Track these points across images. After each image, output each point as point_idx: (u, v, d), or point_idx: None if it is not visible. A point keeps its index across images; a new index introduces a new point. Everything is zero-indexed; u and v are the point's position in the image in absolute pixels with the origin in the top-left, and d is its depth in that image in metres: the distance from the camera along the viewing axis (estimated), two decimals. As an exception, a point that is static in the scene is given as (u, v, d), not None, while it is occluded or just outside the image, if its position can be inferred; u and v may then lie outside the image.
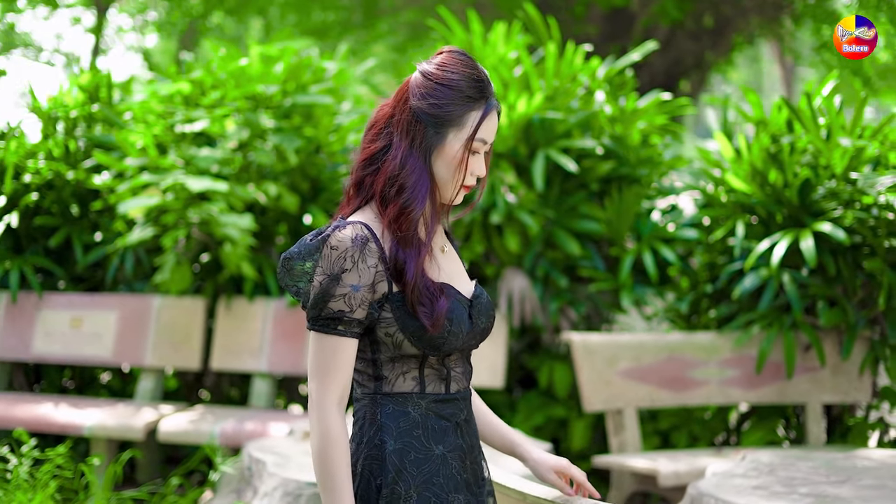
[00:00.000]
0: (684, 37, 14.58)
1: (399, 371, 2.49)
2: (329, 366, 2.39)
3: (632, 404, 5.78)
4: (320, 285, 2.40)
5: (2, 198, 6.83)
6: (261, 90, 6.47)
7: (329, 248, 2.40)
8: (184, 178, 5.87)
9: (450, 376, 2.55)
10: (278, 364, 6.44)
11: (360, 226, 2.43)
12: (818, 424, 5.89)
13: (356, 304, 2.40)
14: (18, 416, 6.14)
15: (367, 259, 2.41)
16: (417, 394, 2.50)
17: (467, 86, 2.50)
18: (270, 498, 4.27)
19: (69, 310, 6.81)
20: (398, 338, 2.45)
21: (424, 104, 2.48)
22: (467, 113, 2.50)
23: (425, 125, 2.48)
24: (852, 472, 4.48)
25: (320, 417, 2.39)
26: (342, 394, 2.41)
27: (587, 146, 6.14)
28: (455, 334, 2.49)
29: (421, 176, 2.48)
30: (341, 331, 2.40)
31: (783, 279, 5.74)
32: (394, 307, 2.44)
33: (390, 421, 2.48)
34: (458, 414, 2.57)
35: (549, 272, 6.19)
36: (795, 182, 5.77)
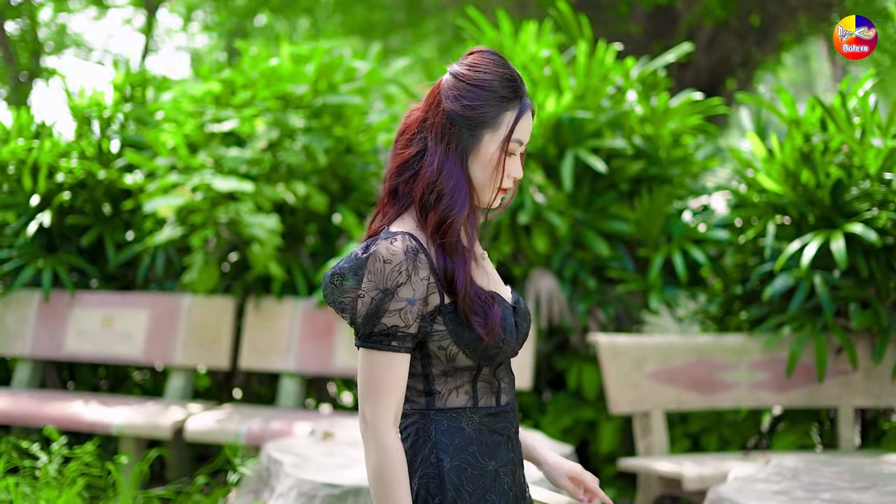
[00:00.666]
0: (729, 35, 14.43)
1: (452, 385, 2.42)
2: (383, 383, 2.32)
3: (659, 407, 5.71)
4: (372, 301, 2.31)
5: (35, 197, 6.89)
6: (291, 90, 6.47)
7: (381, 261, 2.30)
8: (210, 177, 5.89)
9: (500, 388, 2.49)
10: (306, 364, 6.45)
11: (408, 237, 2.35)
12: (850, 429, 5.79)
13: (412, 319, 2.32)
14: (48, 413, 6.18)
15: (420, 271, 2.33)
16: (471, 408, 2.44)
17: (500, 86, 2.43)
18: (286, 498, 4.26)
19: (101, 308, 6.85)
20: (452, 351, 2.38)
21: (458, 106, 2.41)
22: (502, 113, 2.43)
23: (460, 128, 2.41)
24: (878, 478, 4.39)
25: (377, 438, 2.30)
26: (397, 412, 2.33)
27: (617, 146, 6.08)
28: (508, 342, 2.43)
29: (459, 180, 2.40)
30: (395, 346, 2.32)
31: (815, 281, 5.65)
32: (446, 319, 2.36)
33: (445, 438, 2.40)
34: (508, 427, 2.51)
35: (578, 273, 6.14)
36: (828, 182, 5.68)
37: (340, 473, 4.30)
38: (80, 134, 7.20)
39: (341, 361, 6.40)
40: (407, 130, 2.47)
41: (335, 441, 4.90)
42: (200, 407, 6.36)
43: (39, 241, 7.01)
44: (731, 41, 14.50)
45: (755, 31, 14.60)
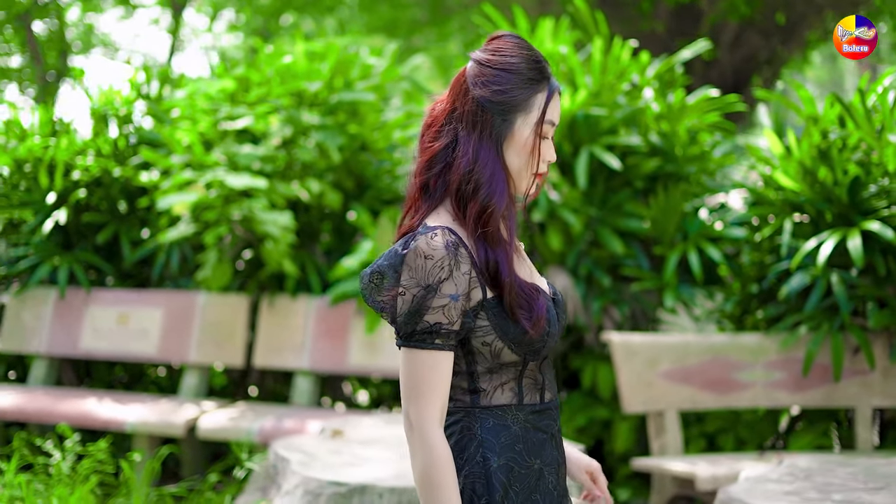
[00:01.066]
0: (754, 33, 14.32)
1: (497, 382, 2.36)
2: (427, 383, 2.25)
3: (673, 406, 5.66)
4: (414, 298, 2.25)
5: (52, 194, 6.91)
6: (304, 87, 6.46)
7: (422, 257, 2.25)
8: (223, 174, 5.88)
9: (544, 384, 2.43)
10: (320, 361, 6.43)
11: (447, 231, 2.29)
12: (868, 429, 5.72)
13: (455, 315, 2.25)
14: (63, 411, 6.19)
15: (462, 265, 2.26)
16: (516, 405, 2.37)
17: (528, 68, 2.37)
18: (291, 496, 4.23)
19: (116, 306, 6.87)
20: (497, 346, 2.31)
21: (487, 92, 2.35)
22: (532, 96, 2.37)
23: (491, 114, 2.35)
24: (892, 478, 4.33)
25: (423, 439, 2.23)
26: (442, 411, 2.26)
27: (632, 143, 6.03)
28: (552, 335, 2.36)
29: (495, 168, 2.34)
30: (439, 344, 2.25)
31: (832, 279, 5.59)
32: (489, 314, 2.30)
33: (491, 436, 2.34)
34: (552, 425, 2.45)
35: (593, 271, 6.09)
36: (845, 180, 5.61)
37: (347, 472, 4.28)
38: (97, 132, 7.21)
39: (355, 360, 6.38)
40: (434, 123, 2.42)
41: (344, 439, 4.88)
42: (214, 405, 6.36)
43: (56, 239, 7.03)
44: (756, 39, 14.39)
45: (781, 29, 14.48)
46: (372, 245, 6.17)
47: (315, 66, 6.72)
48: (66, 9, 23.89)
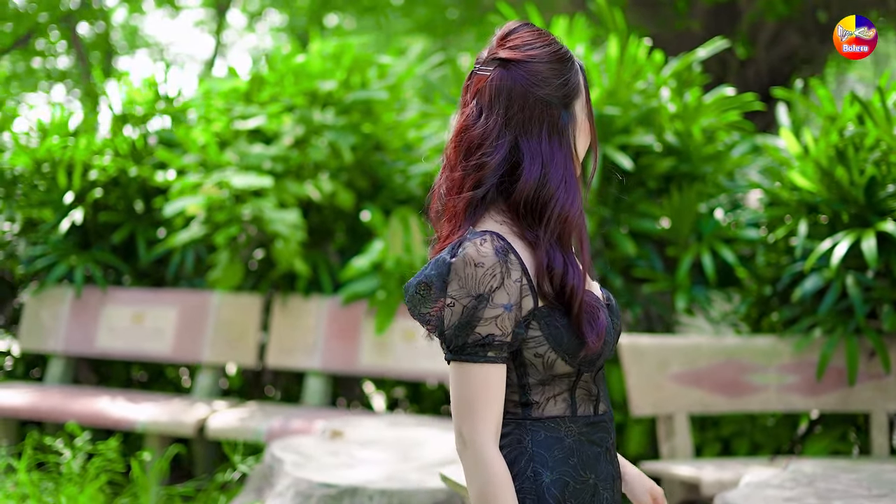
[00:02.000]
0: (793, 32, 14.15)
1: (550, 394, 2.26)
2: (481, 398, 2.15)
3: (683, 409, 5.58)
4: (465, 309, 2.14)
5: (70, 194, 6.95)
6: (317, 87, 6.44)
7: (472, 265, 2.14)
8: (229, 174, 5.88)
9: (599, 395, 2.33)
10: (332, 362, 6.42)
11: (496, 236, 2.18)
12: (884, 434, 5.60)
13: (509, 326, 2.15)
14: (75, 410, 6.22)
15: (512, 273, 2.16)
16: (569, 417, 2.27)
17: (563, 50, 2.31)
18: (283, 497, 4.22)
19: (131, 305, 6.89)
20: (550, 357, 2.21)
21: (551, 88, 2.26)
22: (578, 76, 2.32)
23: (558, 109, 2.26)
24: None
25: (479, 458, 2.13)
26: (497, 427, 2.17)
27: (645, 143, 5.95)
28: (609, 345, 2.29)
29: (566, 165, 2.25)
30: (492, 357, 2.15)
31: (847, 281, 5.48)
32: (541, 324, 2.20)
33: (543, 450, 2.24)
34: (606, 438, 2.35)
35: (605, 272, 6.03)
36: (861, 180, 5.51)
37: (340, 473, 4.25)
38: (115, 131, 7.24)
39: (366, 360, 6.35)
40: (482, 142, 2.25)
41: (343, 440, 4.85)
42: (226, 405, 6.36)
43: (74, 238, 7.07)
44: (795, 38, 14.21)
45: (820, 28, 14.30)
46: (383, 245, 6.14)
47: (329, 65, 6.71)
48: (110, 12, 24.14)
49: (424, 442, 4.82)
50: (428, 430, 5.10)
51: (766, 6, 13.22)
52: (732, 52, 13.59)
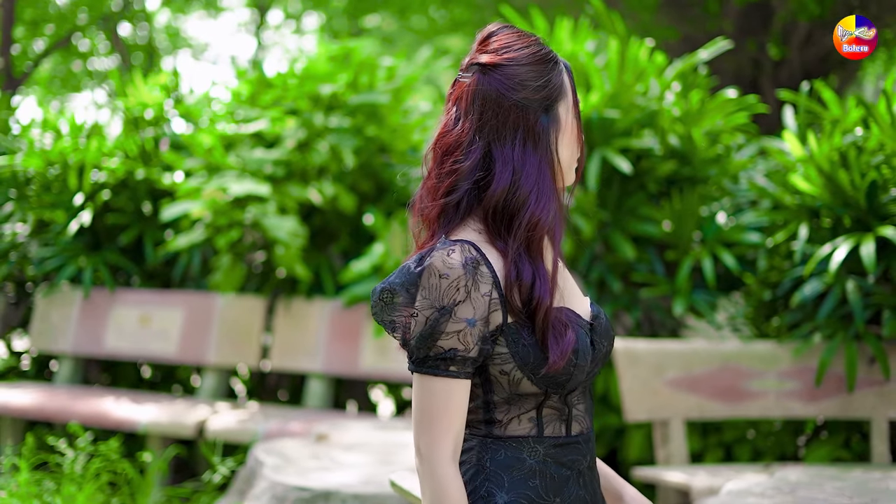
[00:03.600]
0: (827, 32, 14.00)
1: (514, 413, 2.18)
2: (441, 413, 2.08)
3: (679, 415, 5.53)
4: (427, 321, 2.07)
5: (80, 196, 7.01)
6: (317, 90, 6.47)
7: (436, 275, 2.08)
8: (227, 180, 5.91)
9: (571, 415, 2.22)
10: (333, 364, 6.44)
11: (468, 246, 2.11)
12: (884, 441, 5.51)
13: (471, 341, 2.08)
14: (79, 410, 6.28)
15: (481, 286, 2.08)
16: (534, 437, 2.18)
17: (545, 52, 2.22)
18: (259, 501, 4.24)
19: (139, 307, 6.95)
20: (515, 376, 2.13)
21: (527, 92, 2.18)
22: (562, 79, 2.23)
23: (536, 113, 2.18)
24: (880, 493, 4.18)
25: (432, 474, 2.07)
26: (456, 444, 2.10)
27: (645, 146, 5.91)
28: (581, 367, 2.17)
29: (541, 170, 2.17)
30: (454, 372, 2.08)
31: (847, 287, 5.41)
32: (509, 341, 2.12)
33: (501, 470, 2.15)
34: (580, 460, 2.23)
35: (604, 276, 5.99)
36: (863, 184, 5.44)
37: (317, 476, 4.27)
38: (126, 134, 7.30)
39: (367, 363, 6.37)
40: (456, 147, 2.20)
41: (329, 443, 4.86)
42: (228, 406, 6.39)
43: (84, 240, 7.13)
44: (829, 39, 14.06)
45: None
46: (383, 248, 6.14)
47: (334, 68, 6.73)
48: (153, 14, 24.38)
49: (409, 446, 4.82)
50: (415, 433, 5.09)
51: (797, 6, 13.09)
52: (766, 53, 13.45)
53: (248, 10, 26.82)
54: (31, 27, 20.80)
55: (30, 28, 20.83)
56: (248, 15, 27.79)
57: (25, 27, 20.69)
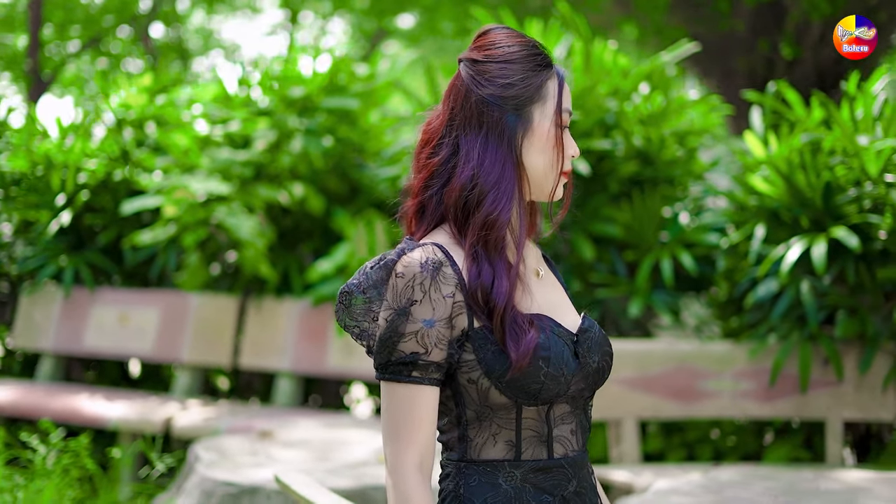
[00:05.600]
0: (841, 32, 13.88)
1: (488, 432, 2.07)
2: (405, 421, 1.99)
3: (632, 414, 5.55)
4: (387, 323, 2.00)
5: (61, 196, 7.13)
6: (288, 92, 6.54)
7: (394, 275, 2.02)
8: (188, 179, 6.00)
9: (551, 436, 2.09)
10: (301, 363, 6.51)
11: (432, 247, 2.04)
12: (838, 442, 5.51)
13: (431, 343, 1.99)
14: (52, 407, 6.39)
15: (442, 287, 2.01)
16: (510, 461, 2.06)
17: (531, 54, 2.14)
18: (189, 495, 4.32)
19: (117, 305, 7.06)
20: (483, 384, 2.03)
21: (494, 88, 2.10)
22: (544, 83, 2.13)
23: (502, 111, 2.10)
24: (807, 494, 4.19)
25: (396, 486, 1.98)
26: (423, 454, 2.00)
27: (603, 147, 5.93)
28: (554, 377, 2.04)
29: (504, 169, 2.09)
30: (417, 377, 1.99)
31: (801, 288, 5.41)
32: (476, 346, 2.02)
33: (475, 496, 2.04)
34: (563, 485, 2.10)
35: (565, 277, 6.02)
36: (819, 183, 5.44)
37: (247, 472, 4.33)
38: (109, 135, 7.41)
39: (334, 362, 6.44)
40: (432, 137, 2.17)
41: (271, 441, 4.93)
42: (199, 403, 6.48)
43: (66, 239, 7.24)
44: (842, 38, 13.94)
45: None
46: (348, 248, 6.21)
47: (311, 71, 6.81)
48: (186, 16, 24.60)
49: (350, 443, 4.88)
50: (361, 432, 5.16)
51: (809, 6, 13.01)
52: (779, 53, 13.39)
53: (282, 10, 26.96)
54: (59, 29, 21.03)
55: (58, 30, 21.05)
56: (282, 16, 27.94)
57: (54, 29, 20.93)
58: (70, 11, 20.81)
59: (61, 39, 21.47)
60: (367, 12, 20.76)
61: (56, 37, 21.17)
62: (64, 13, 20.85)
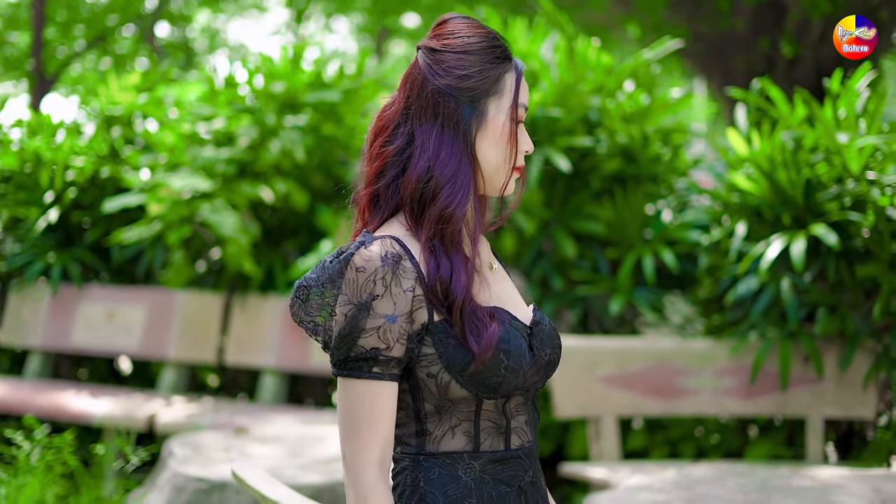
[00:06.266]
0: (840, 30, 13.83)
1: (447, 424, 2.06)
2: (365, 418, 1.97)
3: (611, 412, 5.55)
4: (346, 318, 1.97)
5: (50, 193, 7.14)
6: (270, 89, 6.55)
7: (354, 270, 1.98)
8: (167, 176, 6.01)
9: (510, 428, 2.10)
10: (286, 360, 6.51)
11: (390, 240, 2.01)
12: (818, 440, 5.49)
13: (393, 339, 1.97)
14: (38, 403, 6.40)
15: (402, 281, 1.98)
16: (469, 453, 2.06)
17: (490, 46, 2.11)
18: (161, 491, 4.33)
19: (104, 302, 7.07)
20: (443, 378, 2.01)
21: (451, 79, 2.07)
22: (502, 76, 2.10)
23: (458, 103, 2.07)
24: (779, 491, 4.18)
25: (356, 484, 1.96)
26: (383, 452, 1.98)
27: (585, 144, 5.92)
28: (514, 370, 2.03)
29: (461, 164, 2.06)
30: (377, 373, 1.97)
31: (782, 285, 5.40)
32: (436, 340, 2.01)
33: (435, 489, 2.04)
34: (520, 476, 2.11)
35: (548, 274, 6.01)
36: (799, 180, 5.43)
37: (218, 468, 4.34)
38: (98, 133, 7.42)
39: (317, 359, 6.44)
40: (386, 126, 2.14)
41: (247, 437, 4.93)
42: (184, 400, 6.49)
43: (55, 236, 7.25)
44: (842, 37, 13.90)
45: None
46: (332, 245, 6.22)
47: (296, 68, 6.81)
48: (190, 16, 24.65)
49: (325, 439, 4.89)
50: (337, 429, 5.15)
51: (810, 4, 12.98)
52: (779, 52, 13.37)
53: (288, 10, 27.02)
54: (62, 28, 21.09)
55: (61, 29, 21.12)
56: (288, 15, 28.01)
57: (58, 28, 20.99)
58: (74, 10, 20.86)
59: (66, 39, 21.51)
60: (370, 10, 20.78)
61: (60, 36, 21.21)
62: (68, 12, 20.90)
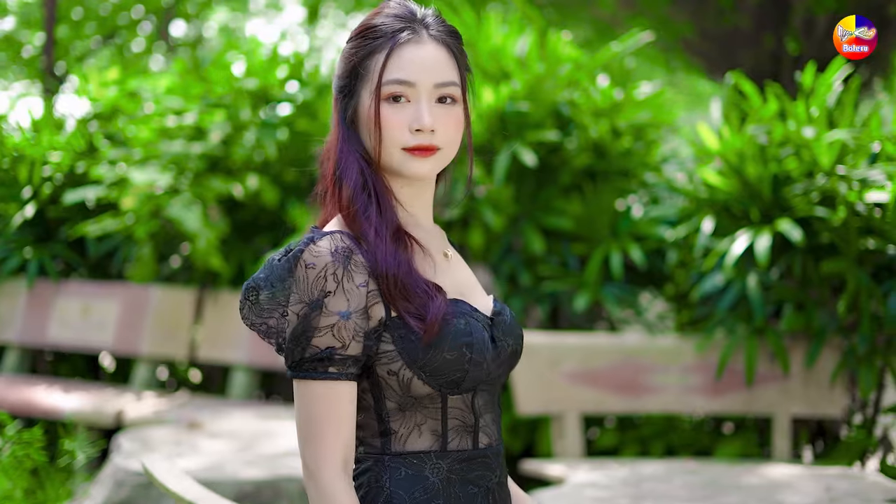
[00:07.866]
0: (850, 28, 13.70)
1: (412, 422, 2.00)
2: (324, 420, 1.91)
3: (574, 409, 5.49)
4: (298, 317, 1.91)
5: (28, 189, 7.15)
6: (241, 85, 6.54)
7: (303, 267, 1.91)
8: (129, 170, 6.00)
9: (478, 426, 2.04)
10: (257, 356, 6.49)
11: (339, 235, 1.95)
12: (785, 438, 5.42)
13: (348, 337, 1.91)
14: (10, 399, 6.39)
15: (355, 276, 1.92)
16: (437, 452, 2.00)
17: (364, 29, 2.05)
18: (102, 485, 4.32)
19: (80, 298, 7.07)
20: (404, 375, 1.95)
21: (335, 81, 2.10)
22: (369, 59, 2.02)
23: (343, 97, 2.07)
24: (726, 489, 4.15)
25: (320, 490, 1.90)
26: (346, 454, 1.93)
27: (553, 139, 5.87)
28: (477, 363, 1.98)
29: (344, 146, 2.04)
30: (334, 373, 1.91)
31: (748, 281, 5.33)
32: (395, 336, 1.95)
33: (402, 490, 1.97)
34: (488, 476, 2.06)
35: (516, 269, 5.96)
36: (767, 174, 5.37)
37: (162, 463, 4.31)
38: (77, 129, 7.43)
39: (287, 355, 6.41)
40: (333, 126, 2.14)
41: (199, 432, 4.91)
42: (154, 395, 6.48)
43: (33, 232, 7.26)
44: (847, 34, 13.77)
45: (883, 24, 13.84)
46: (299, 239, 6.19)
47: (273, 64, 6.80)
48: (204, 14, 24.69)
49: (277, 435, 4.86)
50: (293, 424, 5.13)
51: (814, 1, 12.89)
52: (784, 48, 13.29)
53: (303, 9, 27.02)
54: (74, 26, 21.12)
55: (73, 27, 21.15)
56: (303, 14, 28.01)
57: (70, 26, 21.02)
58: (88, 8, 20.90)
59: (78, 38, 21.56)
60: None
61: (72, 34, 21.26)
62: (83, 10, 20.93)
